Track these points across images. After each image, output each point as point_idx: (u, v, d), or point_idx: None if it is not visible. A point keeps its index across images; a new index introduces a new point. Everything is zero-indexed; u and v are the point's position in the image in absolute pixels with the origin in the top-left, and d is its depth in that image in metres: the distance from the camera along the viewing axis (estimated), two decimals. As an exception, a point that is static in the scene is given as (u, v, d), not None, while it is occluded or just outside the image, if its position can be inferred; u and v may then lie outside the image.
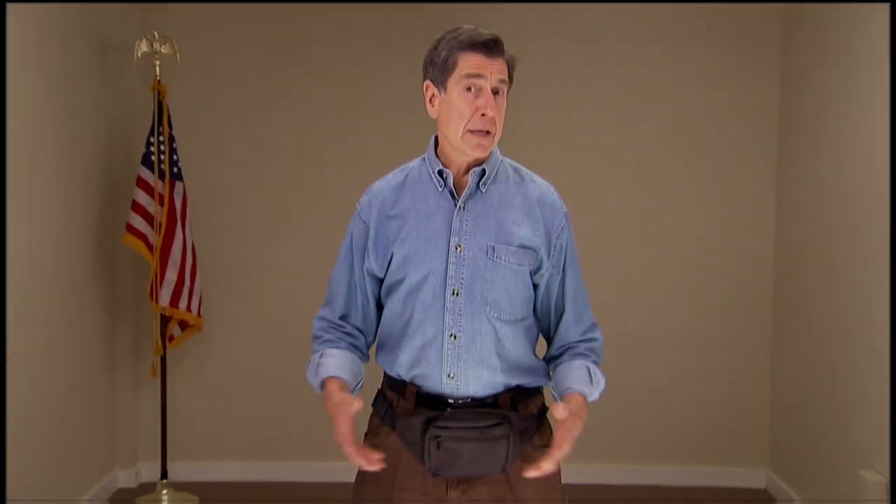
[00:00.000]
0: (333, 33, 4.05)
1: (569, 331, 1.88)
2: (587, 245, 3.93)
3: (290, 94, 4.06)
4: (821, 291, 3.58)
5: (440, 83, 1.75)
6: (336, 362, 1.78)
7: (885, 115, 3.02)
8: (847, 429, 3.32)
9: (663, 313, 4.10)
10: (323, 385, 1.77)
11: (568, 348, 1.87)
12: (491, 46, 1.71)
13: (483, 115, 1.70)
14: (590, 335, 1.89)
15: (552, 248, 1.83)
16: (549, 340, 1.92)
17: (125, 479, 4.06)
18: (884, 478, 2.99)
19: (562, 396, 1.78)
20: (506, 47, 1.74)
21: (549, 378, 1.89)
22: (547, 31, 4.03)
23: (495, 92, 1.72)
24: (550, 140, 4.04)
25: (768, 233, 4.07)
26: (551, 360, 1.90)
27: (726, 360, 4.10)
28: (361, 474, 1.84)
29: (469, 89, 1.71)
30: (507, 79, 1.75)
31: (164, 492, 3.81)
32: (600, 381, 1.83)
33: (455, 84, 1.72)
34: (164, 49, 3.69)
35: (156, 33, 3.70)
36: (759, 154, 4.05)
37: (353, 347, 1.87)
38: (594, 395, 1.81)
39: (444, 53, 1.73)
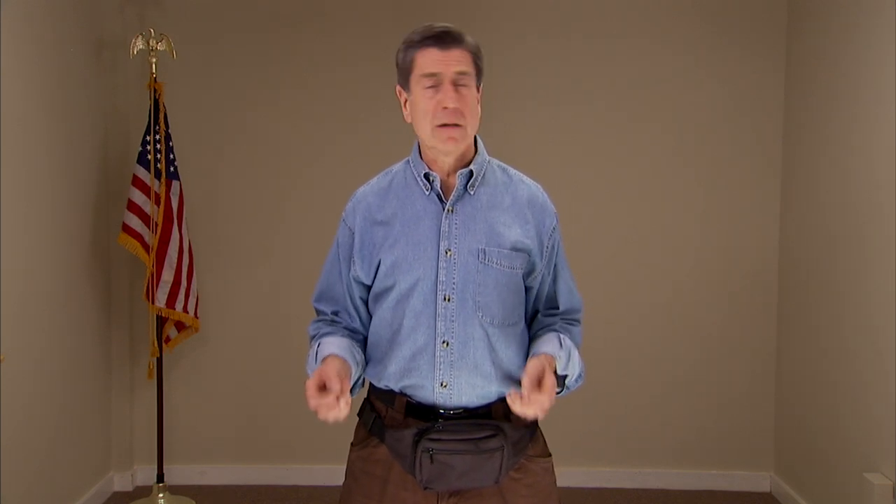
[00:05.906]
0: (331, 32, 4.01)
1: (551, 318, 1.83)
2: (588, 245, 3.97)
3: (288, 92, 4.03)
4: (825, 293, 3.54)
5: (405, 85, 1.73)
6: (333, 347, 1.71)
7: (892, 111, 2.98)
8: (852, 432, 3.29)
9: (666, 315, 4.06)
10: None
11: (543, 326, 1.82)
12: (443, 38, 1.67)
13: (445, 108, 1.66)
14: (571, 321, 1.85)
15: (544, 248, 1.80)
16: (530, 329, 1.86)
17: (121, 482, 4.03)
18: (890, 481, 2.98)
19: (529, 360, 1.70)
20: (466, 37, 1.70)
21: None
22: (545, 28, 3.99)
23: (458, 84, 1.67)
24: (551, 139, 4.00)
25: (772, 234, 4.02)
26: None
27: (730, 363, 4.07)
28: (348, 487, 1.81)
29: (430, 87, 1.67)
30: (469, 69, 1.69)
31: (161, 495, 3.78)
32: (573, 354, 1.75)
33: (416, 84, 1.69)
34: (161, 46, 3.67)
35: (152, 30, 3.68)
36: (763, 153, 4.00)
37: (352, 338, 1.80)
38: (568, 368, 1.71)
39: (401, 55, 1.72)
